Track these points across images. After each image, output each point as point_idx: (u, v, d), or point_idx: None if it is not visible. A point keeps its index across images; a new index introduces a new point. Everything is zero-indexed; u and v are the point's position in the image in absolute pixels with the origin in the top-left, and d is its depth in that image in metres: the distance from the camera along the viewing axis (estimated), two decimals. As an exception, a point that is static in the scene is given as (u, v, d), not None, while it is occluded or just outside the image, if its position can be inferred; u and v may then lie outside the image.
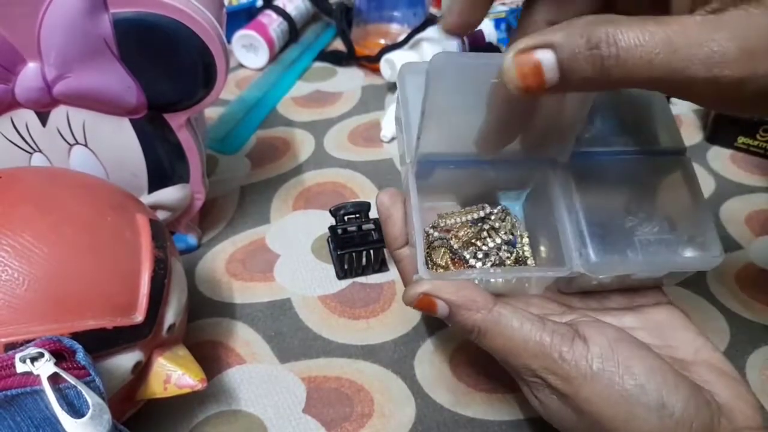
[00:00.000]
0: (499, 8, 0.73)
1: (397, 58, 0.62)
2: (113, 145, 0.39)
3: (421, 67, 0.27)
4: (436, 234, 0.33)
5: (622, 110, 0.33)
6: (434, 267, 0.33)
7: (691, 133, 0.57)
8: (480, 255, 0.32)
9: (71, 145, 0.38)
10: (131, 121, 0.38)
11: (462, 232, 0.33)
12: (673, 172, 0.32)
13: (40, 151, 0.39)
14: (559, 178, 0.31)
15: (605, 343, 0.26)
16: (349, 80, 0.66)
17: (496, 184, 0.34)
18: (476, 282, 0.30)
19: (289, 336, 0.39)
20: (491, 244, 0.33)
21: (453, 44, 0.63)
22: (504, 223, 0.33)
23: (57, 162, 0.39)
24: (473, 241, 0.33)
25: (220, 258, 0.45)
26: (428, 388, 0.36)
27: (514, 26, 0.68)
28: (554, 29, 0.22)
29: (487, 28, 0.66)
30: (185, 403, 0.35)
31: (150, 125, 0.38)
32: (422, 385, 0.36)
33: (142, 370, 0.31)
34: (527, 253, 0.33)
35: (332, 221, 0.43)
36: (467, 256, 0.32)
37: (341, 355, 0.38)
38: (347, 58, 0.68)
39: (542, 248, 0.33)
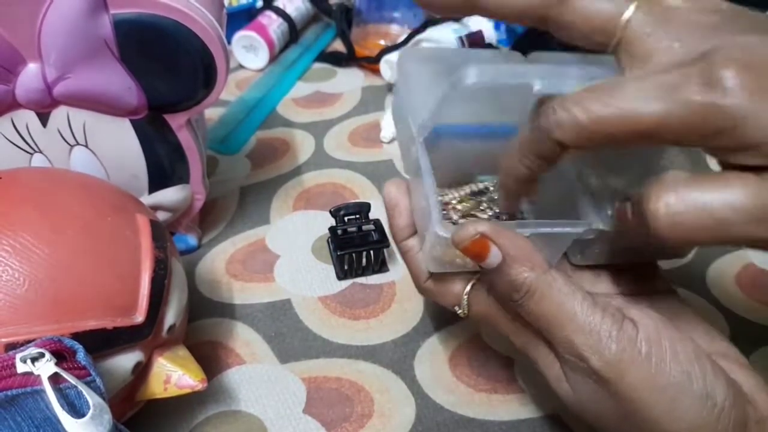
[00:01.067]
0: (498, 9, 0.73)
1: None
2: (114, 146, 0.39)
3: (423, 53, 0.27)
4: None
5: None
6: None
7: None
8: None
9: (72, 146, 0.39)
10: (132, 121, 0.38)
11: (461, 205, 0.32)
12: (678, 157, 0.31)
13: (41, 152, 0.39)
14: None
15: (652, 326, 0.25)
16: (349, 81, 0.66)
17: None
18: None
19: (289, 336, 0.39)
20: (490, 213, 0.32)
21: (452, 45, 0.63)
22: None
23: (57, 163, 0.39)
24: (473, 212, 0.32)
25: (220, 258, 0.45)
26: (428, 388, 0.36)
27: (514, 27, 0.68)
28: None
29: (487, 29, 0.66)
30: (185, 404, 0.35)
31: (150, 126, 0.38)
32: (422, 385, 0.36)
33: (142, 371, 0.31)
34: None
35: (332, 222, 0.43)
36: None
37: (341, 356, 0.38)
38: (347, 59, 0.68)
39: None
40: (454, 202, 0.33)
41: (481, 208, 0.32)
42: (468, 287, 0.30)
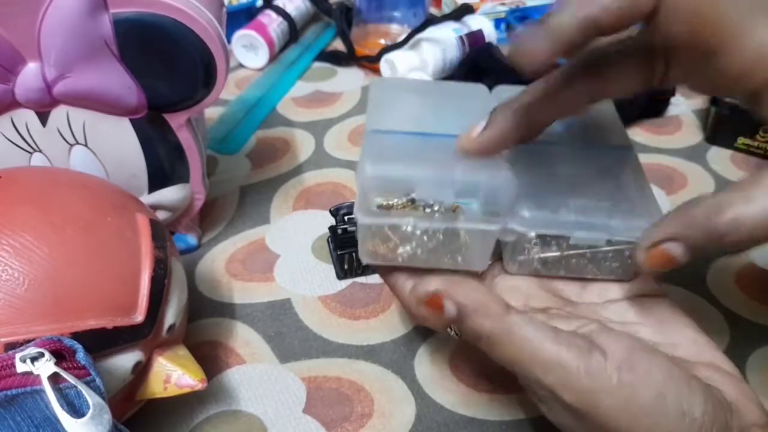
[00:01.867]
0: (499, 8, 0.73)
1: (397, 58, 0.62)
2: (113, 145, 0.39)
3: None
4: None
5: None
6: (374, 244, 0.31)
7: (691, 134, 0.57)
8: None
9: (71, 145, 0.38)
10: (131, 121, 0.38)
11: (399, 205, 0.31)
12: (620, 164, 0.33)
13: (40, 151, 0.39)
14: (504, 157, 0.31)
15: (623, 353, 0.25)
16: (349, 80, 0.66)
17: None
18: (407, 250, 0.29)
19: (289, 336, 0.39)
20: (427, 211, 0.31)
21: (452, 44, 0.63)
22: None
23: (57, 162, 0.39)
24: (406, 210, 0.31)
25: (220, 258, 0.45)
26: (428, 388, 0.36)
27: (514, 25, 0.68)
28: (673, 221, 0.25)
29: (487, 27, 0.66)
30: (185, 403, 0.35)
31: (150, 125, 0.38)
32: (422, 385, 0.36)
33: (142, 370, 0.31)
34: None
35: (332, 221, 0.43)
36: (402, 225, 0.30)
37: (341, 355, 0.38)
38: (347, 58, 0.68)
39: None
40: (394, 202, 0.32)
41: (416, 206, 0.31)
42: None
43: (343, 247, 0.41)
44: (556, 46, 0.25)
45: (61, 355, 0.26)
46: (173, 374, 0.31)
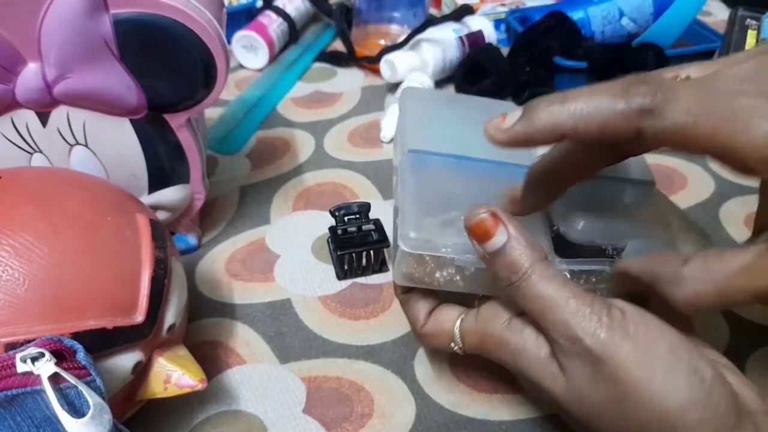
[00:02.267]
0: (499, 9, 0.73)
1: (397, 58, 0.62)
2: (113, 146, 0.39)
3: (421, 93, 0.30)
4: None
5: None
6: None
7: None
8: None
9: (71, 146, 0.39)
10: (131, 121, 0.38)
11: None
12: (645, 201, 0.34)
13: (41, 152, 0.39)
14: None
15: (637, 313, 0.26)
16: (349, 81, 0.66)
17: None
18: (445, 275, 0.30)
19: (289, 336, 0.39)
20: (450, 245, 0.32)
21: (452, 45, 0.63)
22: None
23: (57, 162, 0.39)
24: (454, 220, 0.32)
25: (220, 258, 0.45)
26: (428, 388, 0.36)
27: (514, 26, 0.68)
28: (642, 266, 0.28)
29: (487, 28, 0.66)
30: (185, 403, 0.35)
31: (150, 125, 0.38)
32: (422, 385, 0.36)
33: (142, 370, 0.31)
34: None
35: (332, 222, 0.43)
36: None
37: (341, 356, 0.38)
38: (347, 59, 0.69)
39: None
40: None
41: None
42: (458, 322, 0.32)
43: (343, 248, 0.41)
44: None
45: (61, 355, 0.26)
46: (173, 374, 0.31)
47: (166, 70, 0.36)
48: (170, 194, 0.41)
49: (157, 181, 0.41)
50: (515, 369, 0.29)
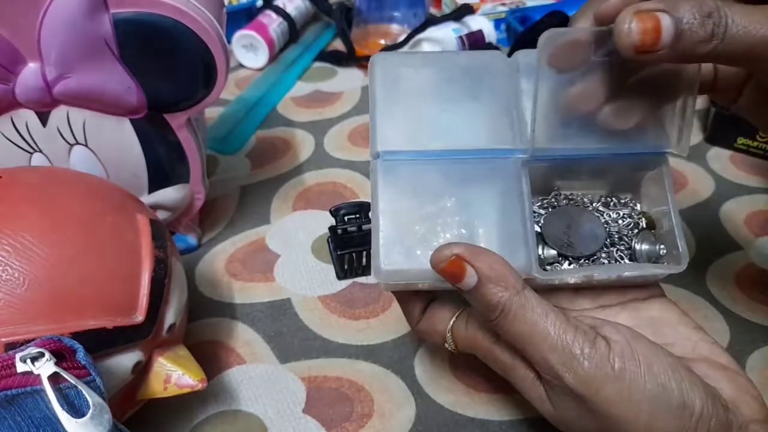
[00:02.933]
0: (499, 8, 0.73)
1: (397, 58, 0.61)
2: (113, 145, 0.39)
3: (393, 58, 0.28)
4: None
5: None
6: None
7: (691, 134, 0.57)
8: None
9: (71, 145, 0.38)
10: (131, 121, 0.38)
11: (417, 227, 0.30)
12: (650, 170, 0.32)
13: (40, 151, 0.39)
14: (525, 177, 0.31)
15: (625, 342, 0.25)
16: (349, 80, 0.66)
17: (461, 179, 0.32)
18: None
19: (289, 336, 0.39)
20: (447, 236, 0.30)
21: (453, 44, 0.63)
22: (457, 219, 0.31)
23: (57, 162, 0.39)
24: (427, 236, 0.30)
25: (220, 258, 0.45)
26: (428, 388, 0.36)
27: (514, 26, 0.68)
28: (670, 1, 0.24)
29: (487, 28, 0.66)
30: (185, 403, 0.35)
31: (150, 125, 0.38)
32: (422, 385, 0.36)
33: (142, 370, 0.31)
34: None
35: (332, 221, 0.43)
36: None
37: (341, 355, 0.38)
38: (347, 59, 0.68)
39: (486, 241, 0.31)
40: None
41: (438, 230, 0.30)
42: (450, 324, 0.31)
43: (343, 247, 0.41)
44: None
45: (61, 355, 0.26)
46: (173, 374, 0.31)
47: (166, 69, 0.36)
48: (170, 194, 0.41)
49: (157, 181, 0.41)
50: (505, 377, 0.29)
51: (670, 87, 0.29)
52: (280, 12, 0.70)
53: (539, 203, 0.33)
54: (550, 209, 0.33)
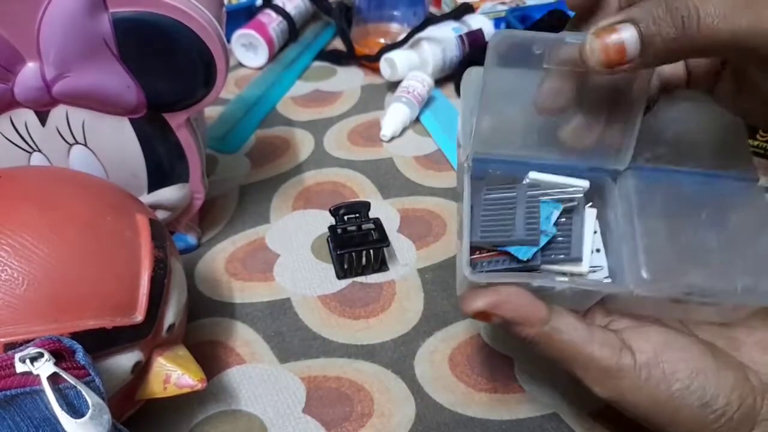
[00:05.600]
0: (499, 7, 0.73)
1: (397, 57, 0.62)
2: (113, 145, 0.39)
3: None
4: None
5: (694, 129, 0.33)
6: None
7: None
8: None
9: (71, 145, 0.38)
10: (131, 120, 0.38)
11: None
12: (744, 200, 0.31)
13: (40, 151, 0.39)
14: (618, 190, 0.31)
15: (651, 351, 0.27)
16: (349, 79, 0.66)
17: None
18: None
19: (288, 336, 0.39)
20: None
21: (452, 43, 0.63)
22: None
23: (56, 162, 0.39)
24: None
25: (219, 258, 0.45)
26: (428, 388, 0.36)
27: (514, 25, 0.68)
28: (632, 7, 0.23)
29: (487, 27, 0.66)
30: (185, 403, 0.35)
31: (150, 125, 0.38)
32: (422, 385, 0.36)
33: (141, 370, 0.31)
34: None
35: (332, 221, 0.43)
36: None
37: (341, 355, 0.38)
38: (347, 58, 0.68)
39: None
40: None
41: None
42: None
43: (343, 247, 0.41)
44: None
45: (60, 355, 0.25)
46: (173, 374, 0.31)
47: (166, 69, 0.36)
48: (170, 193, 0.41)
49: (156, 181, 0.41)
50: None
51: (624, 100, 0.29)
52: (280, 11, 0.70)
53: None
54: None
